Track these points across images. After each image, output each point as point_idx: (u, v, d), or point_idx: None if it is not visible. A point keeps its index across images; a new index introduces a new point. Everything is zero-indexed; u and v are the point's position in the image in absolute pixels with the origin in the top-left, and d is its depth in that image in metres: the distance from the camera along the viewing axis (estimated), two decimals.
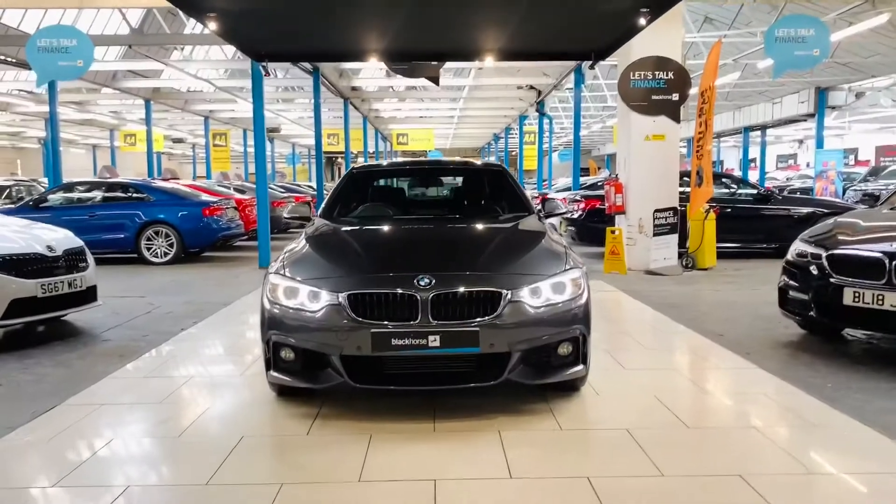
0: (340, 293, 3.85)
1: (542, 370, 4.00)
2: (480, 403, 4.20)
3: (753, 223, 12.07)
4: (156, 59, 16.31)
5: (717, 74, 10.32)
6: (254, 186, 18.15)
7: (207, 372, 5.17)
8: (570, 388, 4.39)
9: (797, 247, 5.87)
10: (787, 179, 29.93)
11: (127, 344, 6.15)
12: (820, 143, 22.79)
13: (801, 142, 42.47)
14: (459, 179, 6.38)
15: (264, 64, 9.03)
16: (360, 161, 30.54)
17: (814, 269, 5.50)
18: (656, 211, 10.31)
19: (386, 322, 3.77)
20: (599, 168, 42.43)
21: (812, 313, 5.50)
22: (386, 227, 4.96)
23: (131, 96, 22.71)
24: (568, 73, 17.07)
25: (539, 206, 5.56)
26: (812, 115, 23.11)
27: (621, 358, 5.27)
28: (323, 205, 5.48)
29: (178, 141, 37.94)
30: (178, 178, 16.94)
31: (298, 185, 25.49)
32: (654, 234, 10.32)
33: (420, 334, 3.73)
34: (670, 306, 7.67)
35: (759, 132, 29.21)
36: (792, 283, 5.78)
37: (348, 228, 4.90)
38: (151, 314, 7.60)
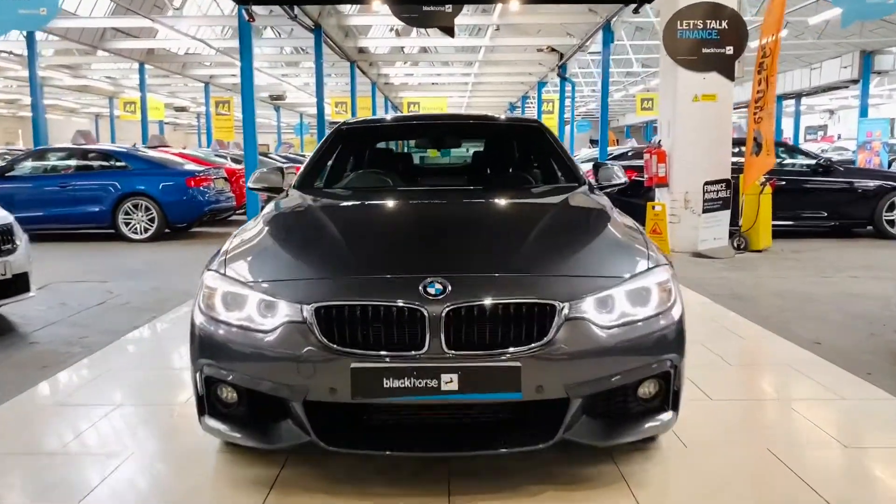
0: (306, 304, 2.49)
1: (615, 423, 2.62)
2: (517, 465, 2.84)
3: (810, 197, 10.58)
4: (143, 15, 14.87)
5: (783, 23, 8.80)
6: (258, 158, 16.82)
7: (140, 398, 3.83)
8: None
9: None
10: (822, 151, 28.18)
11: (56, 349, 4.83)
12: (864, 112, 21.13)
13: (832, 112, 40.51)
14: (484, 141, 4.95)
15: (248, 7, 7.60)
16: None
17: None
18: (706, 184, 8.85)
19: (375, 352, 2.42)
20: (618, 140, 40.72)
21: None
22: (381, 204, 3.59)
23: (126, 60, 21.32)
24: (595, 30, 15.49)
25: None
26: (855, 82, 21.45)
27: (701, 380, 3.88)
28: (299, 172, 4.09)
29: (181, 109, 36.56)
30: (167, 146, 15.58)
31: (303, 156, 24.02)
32: (704, 211, 8.87)
33: (428, 372, 2.38)
34: (735, 299, 6.27)
35: (791, 101, 27.48)
36: None
37: (329, 204, 3.52)
38: (105, 305, 6.28)
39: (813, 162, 10.83)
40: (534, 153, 4.52)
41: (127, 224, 10.78)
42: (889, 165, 19.93)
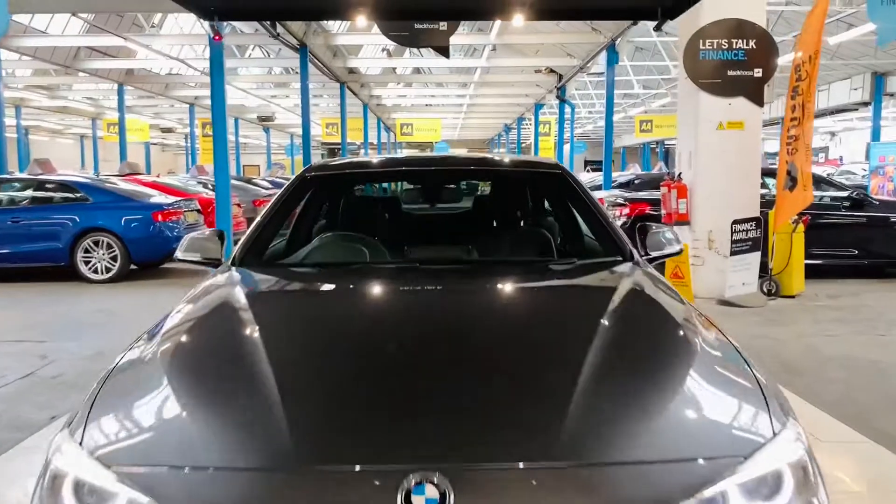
0: None
1: None
2: None
3: (841, 234, 9.59)
4: (115, 34, 13.88)
5: (822, 40, 7.85)
6: (238, 184, 15.82)
7: None
8: None
9: None
10: (828, 175, 27.31)
11: None
12: (876, 135, 20.28)
13: (833, 134, 39.79)
14: (490, 189, 3.85)
15: (213, 23, 6.60)
16: (361, 154, 27.94)
17: None
18: (735, 222, 7.85)
19: None
20: (613, 161, 39.79)
21: None
22: (346, 306, 2.46)
23: (106, 80, 20.33)
24: (599, 50, 14.58)
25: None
26: (866, 104, 20.61)
27: None
28: (243, 238, 3.02)
29: (168, 130, 35.55)
30: (139, 173, 14.53)
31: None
32: (733, 253, 7.86)
33: None
34: (789, 372, 5.24)
35: None
36: None
37: (267, 305, 2.45)
38: (31, 378, 5.21)
39: (843, 194, 9.86)
40: (556, 209, 3.48)
41: (87, 263, 9.71)
42: None
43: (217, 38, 6.87)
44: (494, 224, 3.44)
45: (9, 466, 3.63)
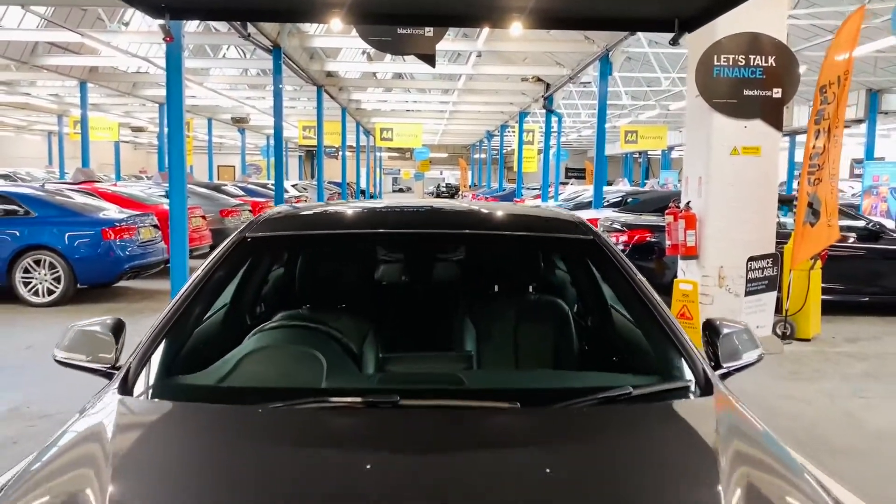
0: None
1: None
2: None
3: (856, 268, 8.87)
4: (71, 30, 12.84)
5: (853, 61, 7.10)
6: (204, 192, 14.80)
7: None
8: None
9: None
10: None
11: None
12: (870, 154, 19.73)
13: None
14: (495, 256, 2.88)
15: (164, 23, 5.65)
16: (326, 202, 26.93)
17: None
18: (751, 259, 7.06)
19: None
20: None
21: None
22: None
23: (68, 77, 19.17)
24: (592, 61, 13.80)
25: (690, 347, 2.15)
26: (860, 121, 20.05)
27: None
28: (148, 336, 2.08)
29: (139, 130, 34.27)
30: (95, 181, 13.43)
31: (266, 186, 21.49)
32: (748, 293, 7.06)
33: None
34: (830, 451, 4.43)
35: (786, 139, 26.14)
36: None
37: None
38: None
39: (861, 225, 9.12)
40: (584, 287, 2.61)
41: (26, 284, 8.71)
42: None
43: (168, 39, 5.91)
44: (502, 317, 2.45)
45: None
